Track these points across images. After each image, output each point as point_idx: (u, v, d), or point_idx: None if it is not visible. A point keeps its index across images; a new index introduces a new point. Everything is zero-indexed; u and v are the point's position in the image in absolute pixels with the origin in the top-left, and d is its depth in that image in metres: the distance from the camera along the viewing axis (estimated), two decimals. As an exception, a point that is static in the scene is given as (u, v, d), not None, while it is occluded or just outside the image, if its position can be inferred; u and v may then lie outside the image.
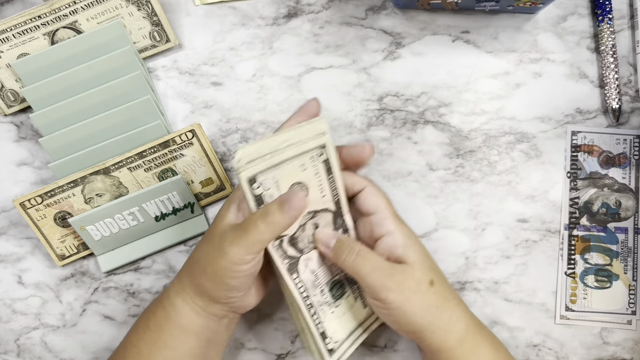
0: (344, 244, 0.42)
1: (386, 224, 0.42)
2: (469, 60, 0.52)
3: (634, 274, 0.51)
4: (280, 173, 0.39)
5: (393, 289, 0.40)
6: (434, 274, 0.42)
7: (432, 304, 0.41)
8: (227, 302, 0.42)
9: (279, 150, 0.38)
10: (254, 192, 0.38)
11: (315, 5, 0.52)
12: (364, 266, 0.41)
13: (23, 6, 0.53)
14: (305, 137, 0.39)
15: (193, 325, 0.42)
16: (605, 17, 0.51)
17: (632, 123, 0.52)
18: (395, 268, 0.41)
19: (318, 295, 0.44)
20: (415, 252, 0.42)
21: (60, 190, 0.50)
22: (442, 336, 0.42)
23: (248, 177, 0.38)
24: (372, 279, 0.40)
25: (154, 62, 0.53)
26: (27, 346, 0.53)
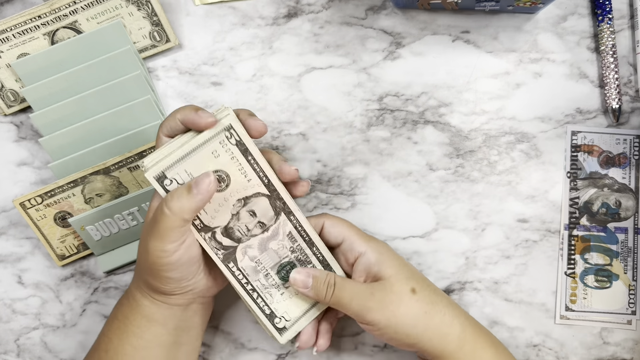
0: (319, 279, 0.43)
1: (355, 247, 0.43)
2: (469, 60, 0.52)
3: (634, 274, 0.51)
4: (191, 164, 0.38)
5: (375, 308, 0.41)
6: (415, 282, 0.43)
7: (419, 312, 0.41)
8: (182, 292, 0.42)
9: (184, 144, 0.38)
10: (167, 189, 0.38)
11: (315, 5, 0.52)
12: (343, 296, 0.42)
13: (23, 6, 0.53)
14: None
15: (157, 315, 0.42)
16: (605, 17, 0.51)
17: (632, 123, 0.52)
18: (374, 287, 0.42)
19: (262, 280, 0.43)
20: (390, 265, 0.42)
21: (60, 190, 0.50)
22: (440, 341, 0.42)
23: (155, 175, 0.38)
24: (354, 305, 0.41)
25: (154, 62, 0.53)
26: (27, 346, 0.53)
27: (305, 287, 0.43)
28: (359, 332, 0.52)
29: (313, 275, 0.43)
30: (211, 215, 0.40)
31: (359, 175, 0.52)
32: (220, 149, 0.39)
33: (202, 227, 0.40)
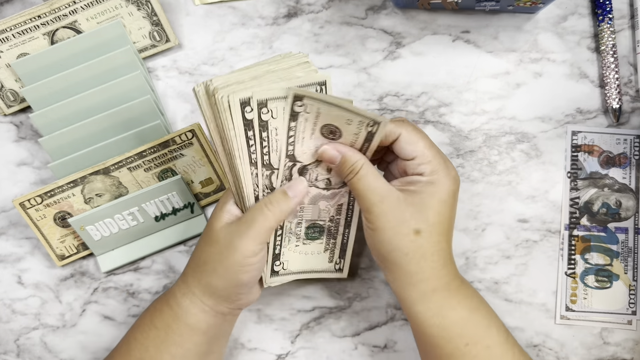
0: (347, 163, 0.41)
1: (422, 169, 0.41)
2: (469, 60, 0.52)
3: (634, 274, 0.51)
4: (326, 109, 0.39)
5: (375, 213, 0.40)
6: (428, 230, 0.40)
7: (402, 249, 0.40)
8: (236, 298, 0.43)
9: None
10: (295, 109, 0.39)
11: (315, 5, 0.52)
12: (358, 187, 0.41)
13: (23, 6, 0.53)
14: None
15: (201, 323, 0.43)
16: (605, 17, 0.51)
17: (632, 123, 0.51)
18: (390, 196, 0.40)
19: (293, 224, 0.45)
20: (424, 199, 0.40)
21: (60, 190, 0.50)
22: (402, 285, 0.41)
23: (296, 95, 0.38)
24: (362, 199, 0.41)
25: (153, 62, 0.53)
26: (26, 346, 0.53)
27: (332, 163, 0.41)
28: (359, 332, 0.52)
29: (343, 154, 0.41)
30: (304, 150, 0.41)
31: (359, 175, 0.52)
32: (354, 123, 0.40)
33: (290, 155, 0.41)
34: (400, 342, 0.52)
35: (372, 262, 0.52)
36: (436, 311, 0.41)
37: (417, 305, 0.41)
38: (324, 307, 0.52)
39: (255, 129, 0.39)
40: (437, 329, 0.41)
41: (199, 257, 0.43)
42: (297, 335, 0.52)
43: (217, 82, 0.39)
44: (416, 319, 0.42)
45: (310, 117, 0.39)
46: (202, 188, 0.52)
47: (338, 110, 0.39)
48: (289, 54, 0.42)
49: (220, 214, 0.42)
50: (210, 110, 0.39)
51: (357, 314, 0.52)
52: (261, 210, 0.40)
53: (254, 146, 0.40)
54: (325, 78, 0.40)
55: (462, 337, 0.41)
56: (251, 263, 0.41)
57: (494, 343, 0.42)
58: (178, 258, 0.53)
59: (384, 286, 0.52)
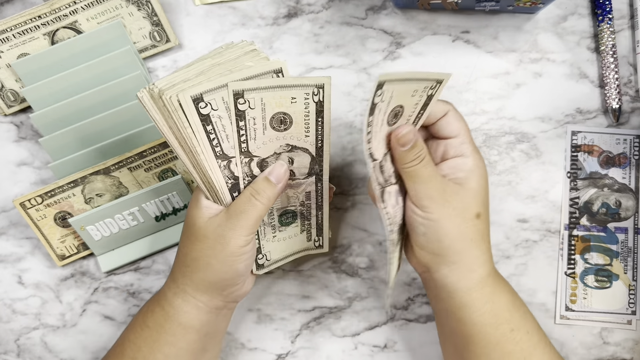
0: (415, 149, 0.40)
1: (463, 148, 0.41)
2: (469, 60, 0.52)
3: (634, 274, 0.51)
4: (270, 99, 0.39)
5: (437, 201, 0.40)
6: (484, 210, 0.41)
7: (468, 235, 0.40)
8: (233, 290, 0.43)
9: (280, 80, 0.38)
10: (239, 107, 0.38)
11: (315, 5, 0.52)
12: (422, 175, 0.40)
13: (23, 6, 0.53)
14: (304, 81, 0.39)
15: (194, 321, 0.43)
16: (605, 17, 0.51)
17: (632, 123, 0.52)
18: (449, 185, 0.40)
19: (265, 217, 0.45)
20: (477, 181, 0.41)
21: (60, 190, 0.50)
22: (462, 273, 0.41)
23: (234, 91, 0.37)
24: (423, 187, 0.40)
25: (154, 62, 0.53)
26: (27, 346, 0.53)
27: (404, 146, 0.40)
28: (359, 332, 0.52)
29: (417, 139, 0.40)
30: (258, 145, 0.41)
31: (359, 175, 0.52)
32: (300, 98, 0.39)
33: (245, 152, 0.41)
34: (400, 342, 0.52)
35: (372, 262, 0.52)
36: (489, 296, 0.41)
37: (473, 292, 0.41)
38: (324, 307, 0.52)
39: (215, 123, 0.38)
40: (488, 315, 0.41)
41: (186, 255, 0.42)
42: (297, 335, 0.52)
43: (161, 84, 0.38)
44: (468, 308, 0.41)
45: (257, 111, 0.39)
46: (202, 188, 0.52)
47: (408, 84, 0.38)
48: (230, 45, 0.41)
49: (198, 211, 0.41)
50: (160, 113, 0.38)
51: (357, 314, 0.52)
52: (249, 200, 0.41)
53: (215, 139, 0.39)
54: (280, 65, 0.39)
55: (509, 322, 0.41)
56: (245, 252, 0.41)
57: (531, 328, 0.42)
58: (178, 258, 0.53)
59: (384, 286, 0.52)
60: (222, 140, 0.39)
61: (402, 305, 0.52)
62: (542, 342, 0.42)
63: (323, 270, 0.52)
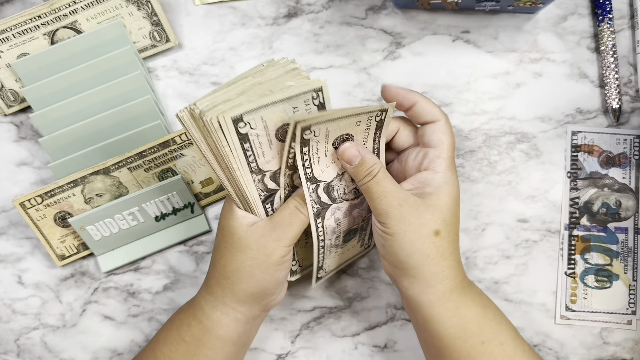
0: (364, 165, 0.41)
1: (437, 162, 0.41)
2: (469, 60, 0.52)
3: (634, 274, 0.51)
4: (332, 126, 0.39)
5: (393, 216, 0.40)
6: (447, 229, 0.41)
7: (424, 251, 0.40)
8: (271, 298, 0.44)
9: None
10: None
11: (315, 5, 0.52)
12: (375, 191, 0.40)
13: (23, 6, 0.53)
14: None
15: (232, 334, 0.43)
16: (605, 17, 0.51)
17: (632, 123, 0.52)
18: (408, 200, 0.40)
19: (333, 239, 0.45)
20: (441, 199, 0.41)
21: (60, 190, 0.50)
22: (421, 288, 0.41)
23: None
24: (378, 203, 0.40)
25: (154, 62, 0.53)
26: (27, 346, 0.53)
27: (350, 164, 0.41)
28: (359, 332, 0.52)
29: (362, 156, 0.41)
30: (322, 169, 0.41)
31: (359, 175, 0.52)
32: (363, 121, 0.40)
33: (310, 178, 0.41)
34: (400, 342, 0.52)
35: (372, 262, 0.52)
36: (454, 311, 0.41)
37: (435, 307, 0.41)
38: (324, 307, 0.52)
39: (253, 141, 0.39)
40: (454, 329, 0.41)
41: (225, 267, 0.42)
42: (297, 335, 0.52)
43: (203, 104, 0.38)
44: (434, 322, 0.41)
45: (320, 138, 0.39)
46: (202, 188, 0.52)
47: (346, 120, 0.39)
48: (272, 62, 0.42)
49: (236, 221, 0.41)
50: (199, 132, 0.39)
51: (357, 314, 0.52)
52: (295, 213, 0.41)
53: (252, 156, 0.39)
54: (320, 84, 0.39)
55: (479, 335, 0.41)
56: (286, 261, 0.42)
57: (506, 339, 0.42)
58: (178, 258, 0.53)
59: (384, 286, 0.52)
60: (258, 156, 0.40)
61: (402, 305, 0.52)
62: (519, 352, 0.42)
63: (323, 270, 0.52)
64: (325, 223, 0.43)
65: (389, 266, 0.42)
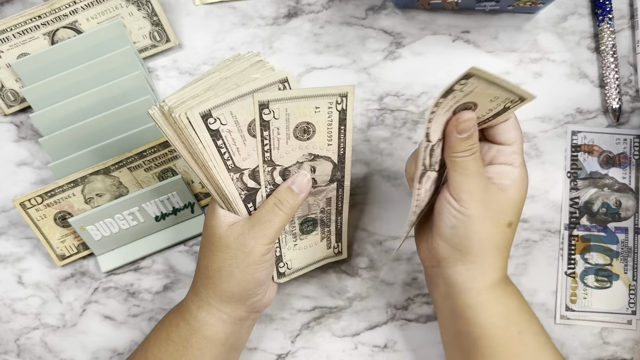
0: (471, 140, 0.39)
1: (514, 158, 0.41)
2: (469, 60, 0.52)
3: (634, 274, 0.51)
4: (292, 107, 0.39)
5: (476, 198, 0.39)
6: (516, 221, 0.41)
7: (495, 240, 0.40)
8: (255, 299, 0.43)
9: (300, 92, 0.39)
10: (264, 117, 0.39)
11: (315, 5, 0.52)
12: (470, 167, 0.39)
13: (23, 6, 0.53)
14: (328, 91, 0.40)
15: (219, 334, 0.43)
16: (605, 17, 0.51)
17: (632, 123, 0.52)
18: (491, 187, 0.40)
19: (287, 225, 0.45)
20: (518, 192, 0.41)
21: (60, 190, 0.50)
22: (476, 274, 0.41)
23: (259, 102, 0.37)
24: (467, 181, 0.39)
25: (154, 62, 0.53)
26: (27, 346, 0.53)
27: (461, 133, 0.39)
28: (359, 332, 0.52)
29: (475, 131, 0.39)
30: (281, 154, 0.41)
31: (359, 175, 0.52)
32: (324, 108, 0.40)
33: (267, 160, 0.41)
34: (400, 342, 0.52)
35: (372, 262, 0.52)
36: (499, 299, 0.41)
37: (483, 294, 0.41)
38: (324, 307, 0.52)
39: (225, 137, 0.39)
40: (497, 317, 0.41)
41: (207, 267, 0.42)
42: (297, 335, 0.52)
43: (171, 101, 0.38)
44: (477, 309, 0.41)
45: (280, 123, 0.39)
46: (202, 188, 0.52)
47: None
48: (238, 56, 0.42)
49: (217, 220, 0.42)
50: (172, 130, 0.39)
51: (357, 314, 0.52)
52: (273, 210, 0.41)
53: (227, 153, 0.39)
54: (285, 75, 0.39)
55: (517, 324, 0.41)
56: (266, 260, 0.42)
57: (538, 331, 0.42)
58: (178, 258, 0.53)
59: (384, 286, 0.52)
60: (233, 153, 0.40)
61: (402, 305, 0.52)
62: (548, 345, 0.42)
63: (323, 270, 0.52)
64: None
65: (446, 247, 0.41)
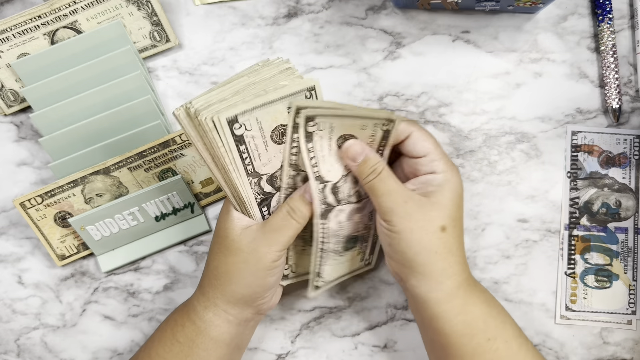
0: (368, 163, 0.40)
1: (433, 166, 0.41)
2: (469, 60, 0.52)
3: (634, 274, 0.51)
4: (337, 123, 0.39)
5: (399, 214, 0.40)
6: (452, 225, 0.41)
7: (431, 247, 0.40)
8: (262, 302, 0.44)
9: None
10: (308, 130, 0.38)
11: (315, 5, 0.52)
12: (379, 188, 0.40)
13: (23, 6, 0.53)
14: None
15: (225, 335, 0.43)
16: (605, 17, 0.51)
17: (632, 123, 0.52)
18: (413, 198, 0.40)
19: (332, 243, 0.45)
20: (445, 195, 0.41)
21: (60, 190, 0.50)
22: (429, 285, 0.41)
23: (307, 117, 0.37)
24: (383, 200, 0.40)
25: (154, 62, 0.53)
26: (27, 346, 0.53)
27: (354, 161, 0.41)
28: (359, 332, 0.52)
29: (366, 154, 0.41)
30: (327, 168, 0.41)
31: (359, 175, 0.52)
32: (370, 126, 0.40)
33: (318, 177, 0.41)
34: (400, 342, 0.52)
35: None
36: (461, 308, 0.41)
37: (442, 304, 0.41)
38: (324, 307, 0.52)
39: (249, 143, 0.39)
40: (461, 326, 0.41)
41: (217, 268, 0.42)
42: (297, 335, 0.52)
43: (198, 103, 0.38)
44: (440, 319, 0.41)
45: (324, 134, 0.39)
46: (202, 188, 0.52)
47: (351, 119, 0.39)
48: (267, 62, 0.42)
49: (231, 223, 0.42)
50: (195, 131, 0.39)
51: (357, 314, 0.52)
52: (287, 218, 0.41)
53: (248, 158, 0.39)
54: (313, 83, 0.39)
55: (485, 332, 0.41)
56: (277, 266, 0.42)
57: (510, 337, 0.42)
58: (178, 258, 0.53)
59: (384, 286, 0.52)
60: (254, 158, 0.40)
61: (402, 305, 0.52)
62: (524, 350, 0.42)
63: (323, 270, 0.52)
64: (328, 225, 0.43)
65: (396, 265, 0.42)
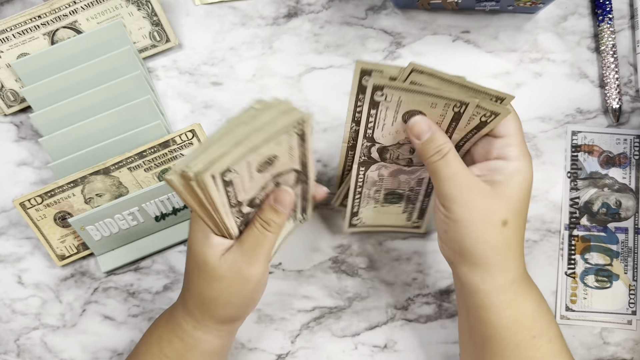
0: (434, 142, 0.39)
1: (507, 151, 0.39)
2: (469, 60, 0.52)
3: (634, 274, 0.51)
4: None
5: (460, 202, 0.38)
6: (515, 220, 0.39)
7: (490, 241, 0.38)
8: (249, 313, 0.44)
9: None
10: (375, 99, 0.38)
11: (316, 5, 0.52)
12: (443, 172, 0.38)
13: (23, 6, 0.53)
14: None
15: (217, 347, 0.43)
16: (605, 17, 0.51)
17: (632, 123, 0.52)
18: (478, 186, 0.38)
19: (372, 191, 0.45)
20: (513, 188, 0.39)
21: (60, 190, 0.50)
22: (481, 276, 0.39)
23: (374, 85, 0.37)
24: (445, 186, 0.38)
25: (154, 62, 0.53)
26: (27, 346, 0.53)
27: (418, 138, 0.39)
28: (359, 332, 0.52)
29: (433, 132, 0.38)
30: (383, 134, 0.41)
31: (359, 175, 0.52)
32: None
33: (369, 138, 0.41)
34: (400, 342, 0.52)
35: (372, 262, 0.52)
36: (511, 302, 0.40)
37: (493, 296, 0.40)
38: (324, 307, 0.52)
39: (236, 184, 0.37)
40: (509, 320, 0.40)
41: (201, 294, 0.41)
42: (297, 335, 0.52)
43: (197, 167, 0.34)
44: (488, 310, 0.40)
45: (391, 105, 0.38)
46: (202, 188, 0.52)
47: (421, 96, 0.37)
48: (261, 102, 0.38)
49: (210, 249, 0.40)
50: (193, 194, 0.36)
51: (357, 314, 0.52)
52: (262, 233, 0.40)
53: (232, 194, 0.37)
54: (303, 116, 0.37)
55: (530, 329, 0.40)
56: (263, 281, 0.42)
57: (554, 337, 0.41)
58: (178, 258, 0.53)
59: (384, 286, 0.52)
60: (238, 192, 0.38)
61: (402, 305, 0.52)
62: (563, 352, 0.41)
63: (323, 270, 0.52)
64: (367, 173, 0.43)
65: (448, 250, 0.41)
